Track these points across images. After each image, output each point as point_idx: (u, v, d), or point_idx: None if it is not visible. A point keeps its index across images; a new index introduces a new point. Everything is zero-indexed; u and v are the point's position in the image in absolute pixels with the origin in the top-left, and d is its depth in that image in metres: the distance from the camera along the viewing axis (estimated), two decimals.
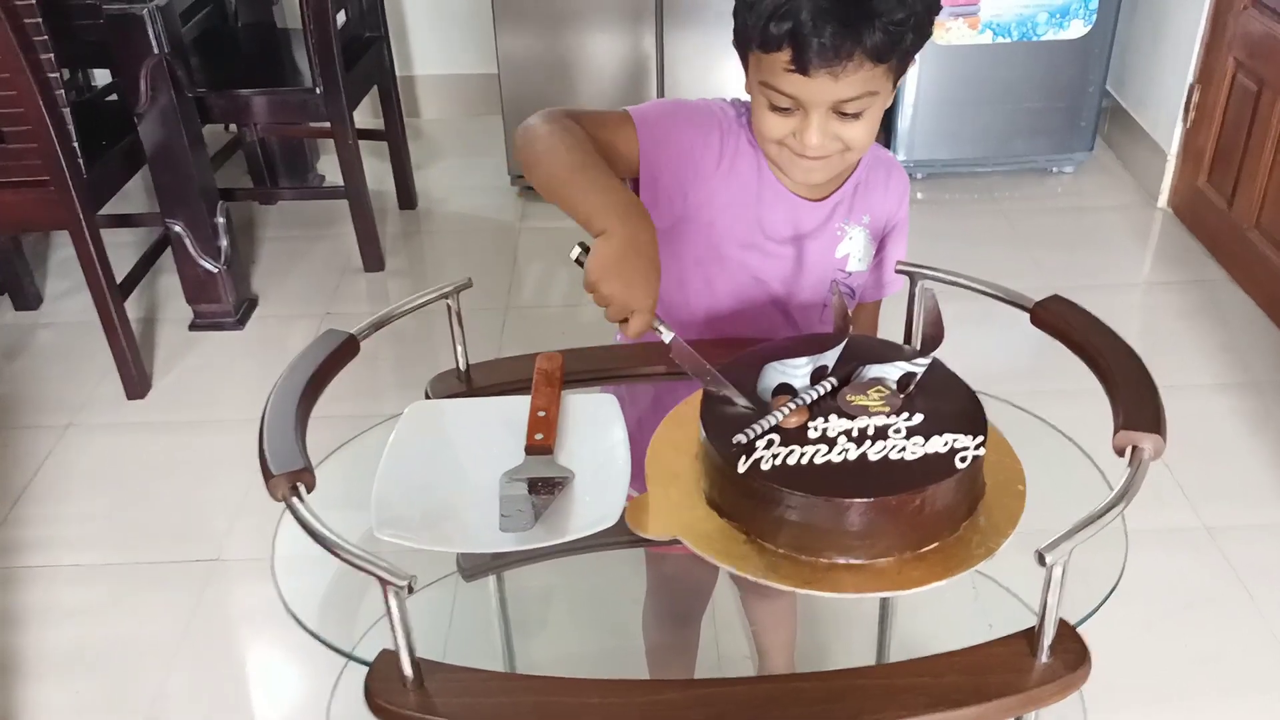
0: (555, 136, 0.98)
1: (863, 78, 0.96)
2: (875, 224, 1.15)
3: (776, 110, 1.00)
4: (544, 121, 1.00)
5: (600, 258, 0.89)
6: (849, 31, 0.92)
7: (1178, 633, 1.75)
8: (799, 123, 1.00)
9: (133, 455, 2.21)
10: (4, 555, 1.97)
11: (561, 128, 0.98)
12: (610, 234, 0.90)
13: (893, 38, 0.94)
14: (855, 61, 0.94)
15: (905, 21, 0.94)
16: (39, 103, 2.03)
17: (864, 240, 1.14)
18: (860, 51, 0.93)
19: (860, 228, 1.13)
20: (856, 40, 0.93)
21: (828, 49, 0.93)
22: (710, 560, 0.85)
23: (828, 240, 1.12)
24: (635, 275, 0.89)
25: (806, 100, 0.97)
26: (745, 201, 1.09)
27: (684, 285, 1.13)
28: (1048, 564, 0.73)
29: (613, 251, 0.90)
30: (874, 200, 1.14)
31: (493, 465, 0.95)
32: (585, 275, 0.90)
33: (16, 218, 2.25)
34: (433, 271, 2.91)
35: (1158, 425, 0.83)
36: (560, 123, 0.99)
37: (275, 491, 0.79)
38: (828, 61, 0.94)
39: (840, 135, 1.00)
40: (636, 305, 0.89)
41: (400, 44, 3.49)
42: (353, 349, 0.97)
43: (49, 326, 2.63)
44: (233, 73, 2.68)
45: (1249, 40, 2.56)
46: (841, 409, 0.90)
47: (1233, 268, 2.65)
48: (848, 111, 0.98)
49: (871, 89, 0.97)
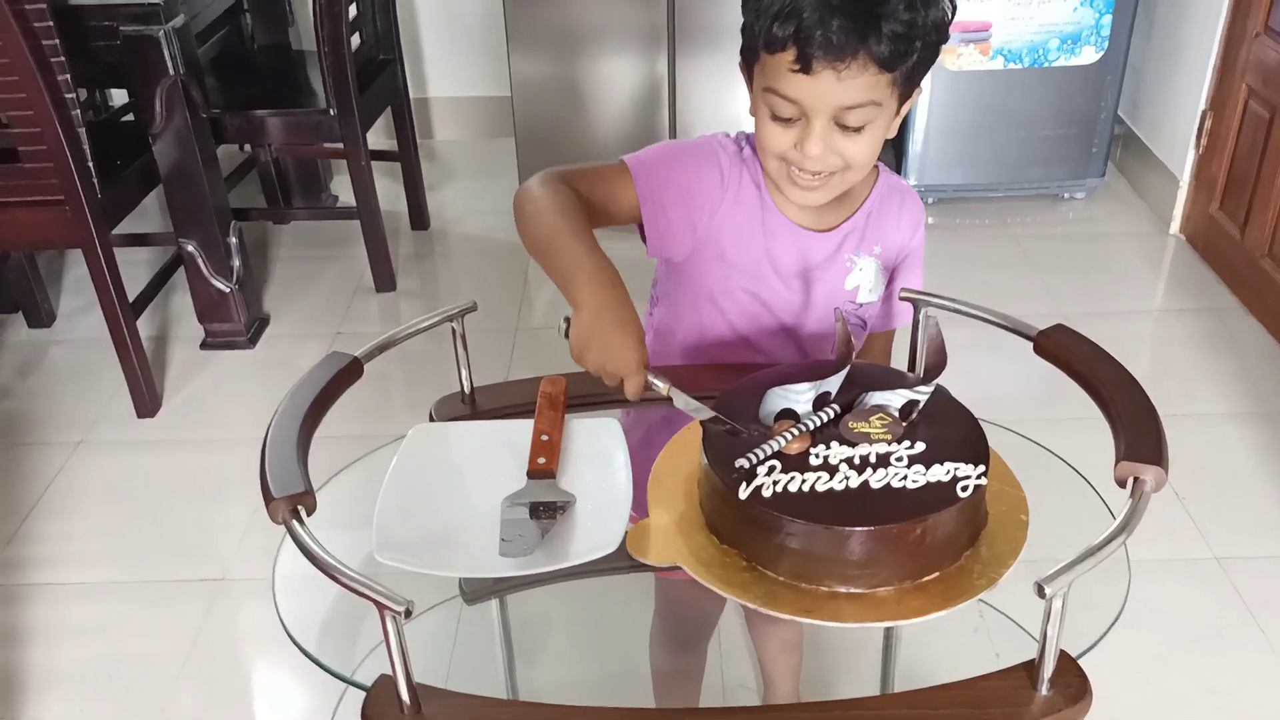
0: (540, 202, 0.99)
1: (866, 83, 0.95)
2: (887, 254, 1.14)
3: (779, 120, 0.99)
4: (536, 185, 1.01)
5: (577, 331, 0.92)
6: (854, 27, 0.92)
7: (1187, 664, 1.73)
8: (800, 133, 0.99)
9: (142, 473, 2.22)
10: (13, 572, 1.98)
11: (550, 192, 1.00)
12: (581, 305, 0.92)
13: (898, 43, 0.93)
14: (860, 62, 0.93)
15: (912, 27, 0.93)
16: (55, 123, 2.05)
17: (875, 271, 1.14)
18: (864, 51, 0.93)
19: (871, 258, 1.13)
20: (861, 38, 0.92)
21: (832, 44, 0.92)
22: (710, 587, 0.84)
23: (837, 272, 1.12)
24: (612, 341, 0.90)
25: (809, 105, 0.97)
26: (751, 233, 1.09)
27: (699, 313, 1.14)
28: (1047, 596, 0.72)
29: (586, 322, 0.91)
30: (886, 230, 1.13)
31: (495, 489, 0.95)
32: (570, 349, 0.92)
33: (31, 236, 2.27)
34: (444, 292, 2.92)
35: (1159, 457, 0.82)
36: (550, 187, 1.01)
37: (275, 514, 0.79)
38: (831, 58, 0.93)
39: (841, 150, 0.99)
40: (623, 370, 0.91)
41: (414, 66, 3.51)
42: (357, 371, 0.97)
43: (61, 344, 2.65)
44: (248, 93, 2.70)
45: (1262, 67, 2.56)
46: (843, 436, 0.90)
47: (1245, 295, 2.64)
48: (849, 124, 0.97)
49: (875, 98, 0.96)
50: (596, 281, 0.93)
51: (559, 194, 1.00)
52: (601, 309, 0.91)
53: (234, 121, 2.56)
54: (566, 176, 1.03)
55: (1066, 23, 2.85)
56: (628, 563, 0.89)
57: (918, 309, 1.07)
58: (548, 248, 0.97)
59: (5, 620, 1.88)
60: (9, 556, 2.01)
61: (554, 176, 1.03)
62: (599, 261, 0.94)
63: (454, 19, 3.49)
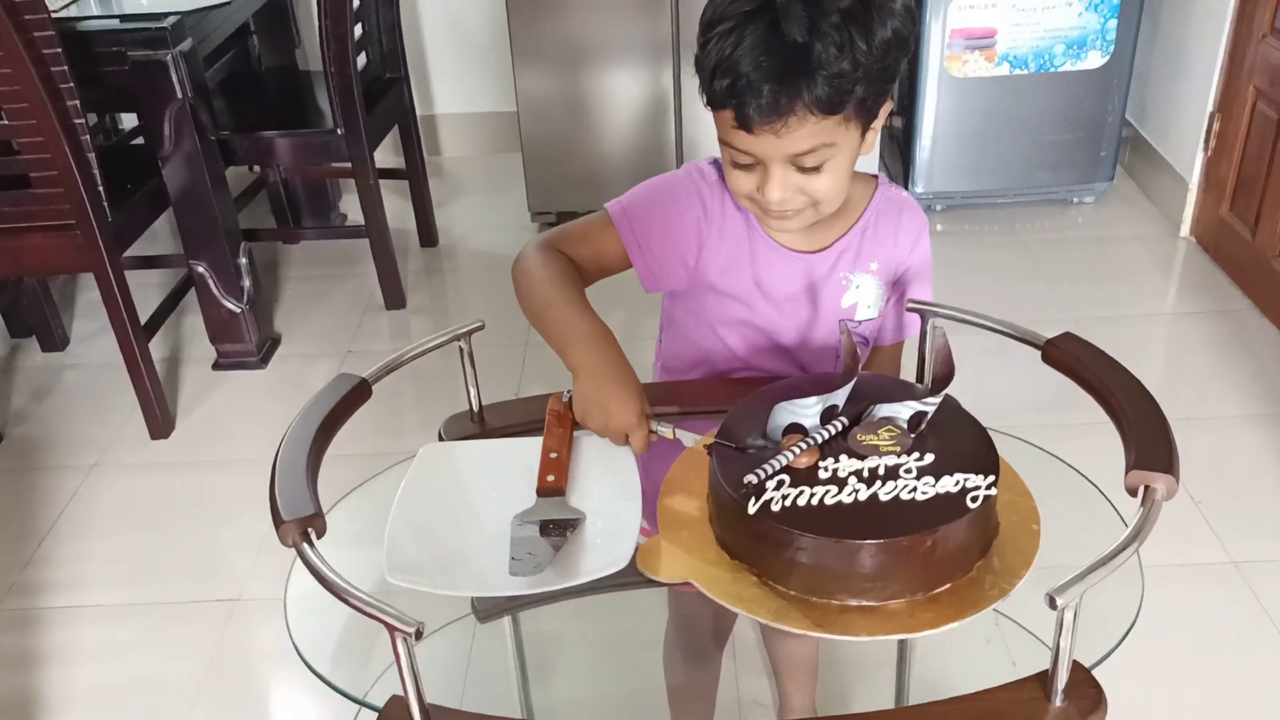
0: (533, 274, 1.03)
1: (811, 131, 0.93)
2: (885, 269, 1.13)
3: (739, 166, 0.99)
4: (527, 257, 1.05)
5: (578, 395, 0.96)
6: (786, 88, 0.90)
7: (1205, 670, 1.72)
8: (761, 177, 0.98)
9: (156, 495, 2.23)
10: (30, 596, 1.99)
11: (541, 261, 1.04)
12: (578, 369, 0.96)
13: (837, 90, 0.91)
14: (798, 117, 0.92)
15: (850, 73, 0.91)
16: (65, 149, 2.07)
17: (873, 287, 1.13)
18: (802, 106, 0.91)
19: (868, 275, 1.12)
20: (795, 95, 0.91)
21: (766, 107, 0.91)
22: (721, 603, 0.84)
23: (833, 291, 1.12)
24: (612, 402, 0.94)
25: (760, 155, 0.97)
26: (741, 262, 1.09)
27: (702, 341, 1.15)
28: (1059, 607, 0.72)
29: (585, 387, 0.95)
30: (883, 245, 1.12)
31: (505, 507, 0.95)
32: (574, 414, 0.96)
33: (44, 261, 2.29)
34: (454, 308, 2.93)
35: (1170, 465, 0.82)
36: (542, 255, 1.05)
37: (285, 537, 0.79)
38: (769, 119, 0.92)
39: (804, 188, 0.98)
40: (625, 426, 0.94)
41: (421, 84, 3.53)
42: (365, 393, 0.97)
43: (75, 367, 2.66)
44: (256, 115, 2.72)
45: (1269, 69, 2.55)
46: (852, 449, 0.89)
47: (1258, 297, 2.62)
48: (806, 165, 0.96)
49: (826, 141, 0.95)
50: (590, 344, 0.96)
51: (550, 262, 1.04)
52: (597, 371, 0.95)
53: (242, 143, 2.58)
54: (556, 242, 1.07)
55: (1072, 28, 2.84)
56: (640, 578, 0.89)
57: (925, 320, 1.07)
58: (542, 317, 1.01)
59: (23, 644, 1.89)
60: (26, 580, 2.02)
61: (545, 244, 1.06)
62: (591, 325, 0.98)
63: (460, 36, 3.51)
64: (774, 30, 0.90)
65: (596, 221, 1.09)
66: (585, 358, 0.96)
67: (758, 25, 0.90)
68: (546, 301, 1.01)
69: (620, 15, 2.88)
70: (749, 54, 0.90)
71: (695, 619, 1.41)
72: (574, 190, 3.10)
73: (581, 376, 0.96)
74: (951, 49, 2.87)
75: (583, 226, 1.09)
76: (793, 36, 0.89)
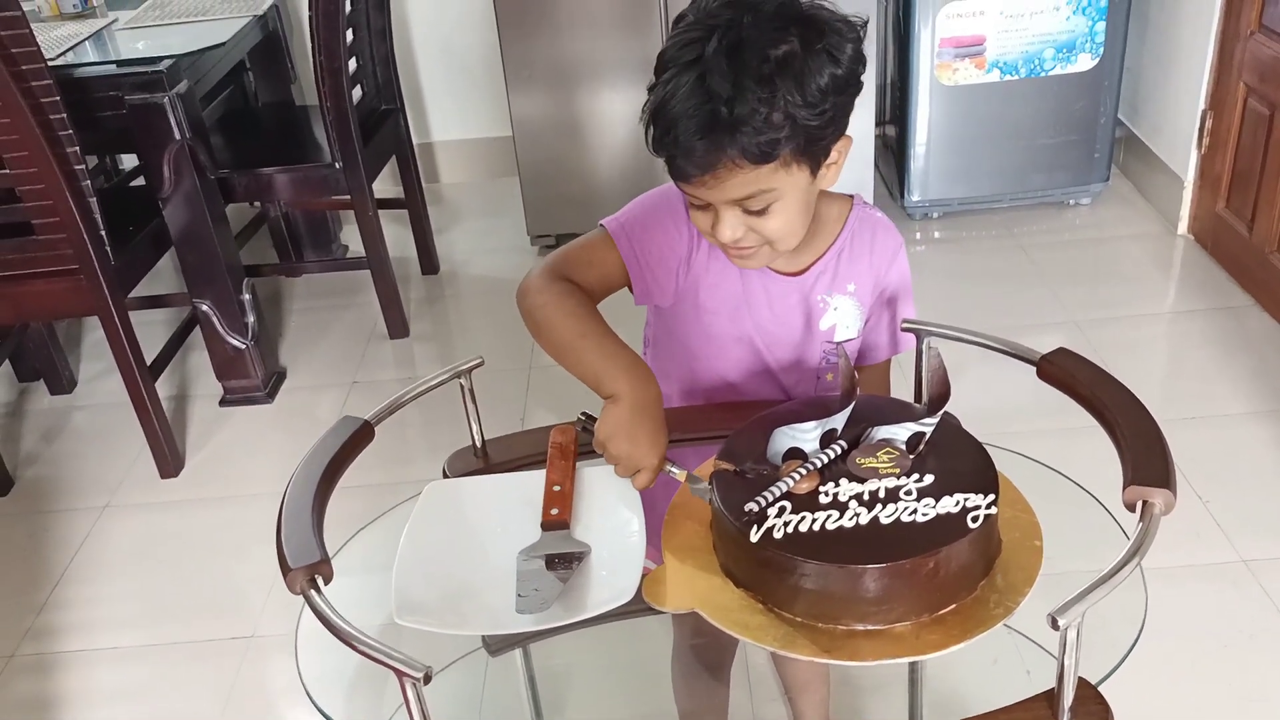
0: (552, 305, 1.02)
1: (746, 179, 0.94)
2: (862, 290, 1.14)
3: (694, 205, 1.01)
4: (540, 289, 1.04)
5: (609, 420, 0.95)
6: (711, 143, 0.91)
7: (1219, 671, 1.72)
8: (713, 217, 0.99)
9: (168, 534, 2.24)
10: (45, 640, 2.00)
11: (557, 293, 1.03)
12: (619, 397, 0.96)
13: (766, 142, 0.91)
14: (726, 169, 0.93)
15: (779, 124, 0.91)
16: (66, 194, 2.09)
17: (850, 308, 1.13)
18: (727, 160, 0.92)
19: (845, 296, 1.13)
20: (719, 150, 0.91)
21: (695, 160, 0.93)
22: (728, 632, 0.85)
23: (810, 313, 1.13)
24: (641, 435, 0.94)
25: (704, 199, 0.98)
26: (728, 279, 1.11)
27: (687, 358, 1.16)
28: (1061, 627, 0.72)
29: (621, 414, 0.95)
30: (859, 266, 1.13)
31: (511, 542, 0.96)
32: (595, 435, 0.96)
33: (48, 306, 2.31)
34: (457, 334, 2.94)
35: (1167, 480, 0.82)
36: (555, 287, 1.03)
37: (293, 585, 0.80)
38: (698, 171, 0.94)
39: (756, 228, 0.99)
40: (642, 463, 0.95)
41: (417, 112, 3.55)
42: (368, 435, 0.98)
43: (83, 409, 2.68)
44: (254, 152, 2.74)
45: (1258, 65, 2.56)
46: (852, 472, 0.90)
47: (1258, 293, 2.62)
48: (752, 209, 0.97)
49: (764, 187, 0.95)
50: (634, 376, 0.97)
51: (570, 293, 1.03)
52: (640, 402, 0.95)
53: (242, 181, 2.60)
54: (562, 269, 1.06)
55: (1060, 32, 2.86)
56: (647, 607, 0.89)
57: (920, 339, 1.08)
58: (573, 347, 1.00)
59: (39, 690, 1.90)
60: (41, 625, 2.03)
61: (552, 274, 1.05)
62: (632, 357, 0.98)
63: (453, 64, 3.53)
64: (700, 84, 0.90)
65: (597, 242, 1.10)
66: (628, 387, 0.96)
67: (688, 77, 0.91)
68: (579, 331, 1.00)
69: (611, 36, 2.90)
70: (678, 106, 0.91)
71: (699, 640, 1.42)
72: (572, 212, 3.11)
73: (621, 403, 0.95)
74: (941, 58, 2.88)
75: (585, 251, 1.09)
76: (716, 90, 0.90)
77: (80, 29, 2.59)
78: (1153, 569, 0.88)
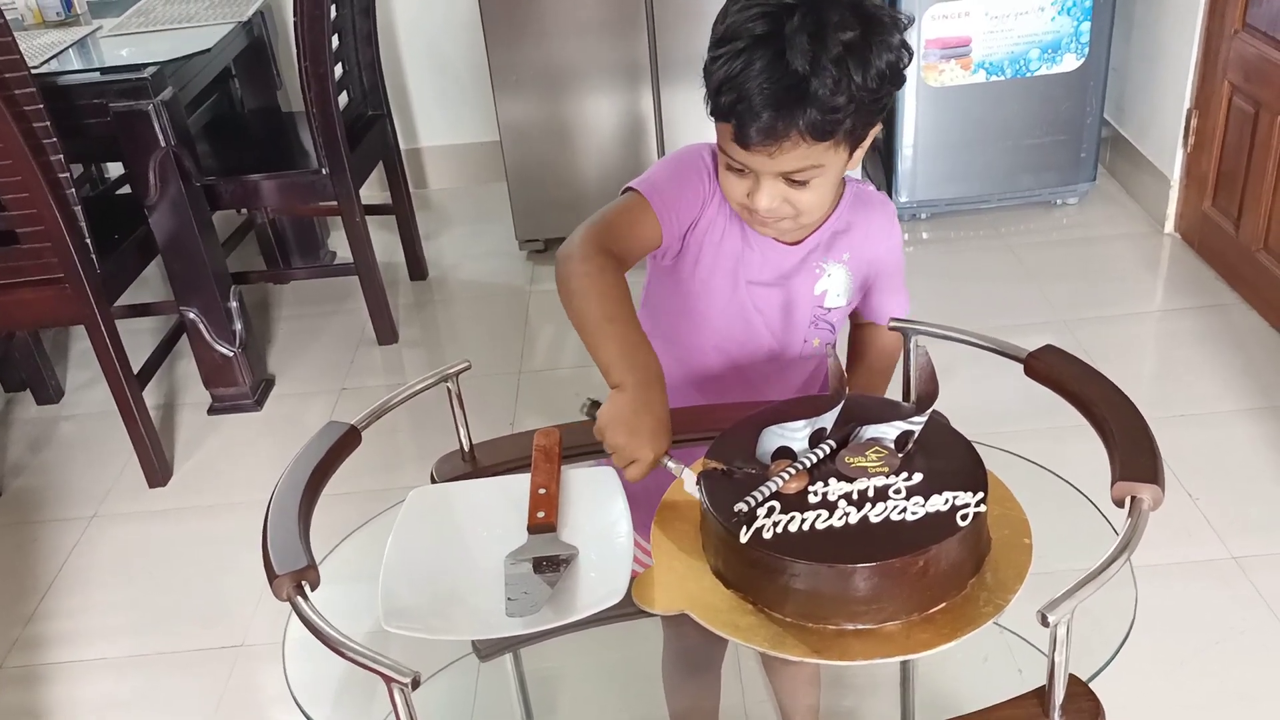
0: (589, 279, 1.04)
1: (802, 154, 1.00)
2: (856, 259, 1.19)
3: (733, 170, 1.06)
4: (581, 258, 1.05)
5: (612, 409, 0.96)
6: (784, 114, 0.97)
7: (1211, 668, 1.72)
8: (752, 184, 1.05)
9: (156, 543, 2.23)
10: (33, 652, 1.98)
11: (597, 268, 1.04)
12: (624, 389, 0.97)
13: (830, 121, 0.98)
14: (791, 141, 0.99)
15: (845, 106, 0.97)
16: (51, 203, 2.08)
17: (843, 276, 1.19)
18: (796, 133, 0.98)
19: (839, 264, 1.18)
20: (790, 123, 0.97)
21: (763, 129, 0.98)
22: (718, 633, 0.85)
23: (806, 277, 1.17)
24: (641, 429, 0.95)
25: (754, 168, 1.04)
26: (733, 237, 1.15)
27: (680, 316, 1.19)
28: (1051, 624, 0.72)
29: (624, 406, 0.96)
30: (855, 238, 1.18)
31: (498, 546, 0.95)
32: (597, 422, 0.97)
33: (34, 316, 2.29)
34: (446, 340, 2.93)
35: (1155, 475, 0.82)
36: (595, 261, 1.05)
37: (279, 591, 0.79)
38: (765, 140, 0.99)
39: (791, 200, 1.05)
40: (638, 457, 0.95)
41: (404, 118, 3.55)
42: (355, 440, 0.98)
43: (70, 419, 2.66)
44: (240, 158, 2.73)
45: (1243, 63, 2.57)
46: (841, 471, 0.90)
47: (1245, 290, 2.63)
48: (796, 180, 1.03)
49: (815, 163, 1.02)
50: (649, 374, 0.98)
51: (605, 271, 1.04)
52: (645, 399, 0.96)
53: (228, 187, 2.59)
54: (603, 239, 1.08)
55: (1045, 32, 2.86)
56: (636, 608, 0.89)
57: (907, 338, 1.08)
58: (598, 329, 1.02)
59: (29, 701, 1.88)
60: (29, 636, 2.02)
61: (594, 244, 1.07)
62: (649, 355, 1.00)
63: (440, 69, 3.53)
64: (779, 59, 0.96)
65: (632, 206, 1.12)
66: (637, 381, 0.97)
67: (765, 51, 0.96)
68: (607, 314, 1.02)
69: (597, 40, 2.90)
70: (754, 78, 0.97)
71: (689, 639, 1.42)
72: (560, 216, 3.11)
73: (626, 395, 0.96)
74: (928, 59, 2.89)
75: (623, 216, 1.12)
76: (795, 67, 0.95)
77: (64, 36, 2.57)
78: (1143, 566, 0.88)
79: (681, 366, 1.20)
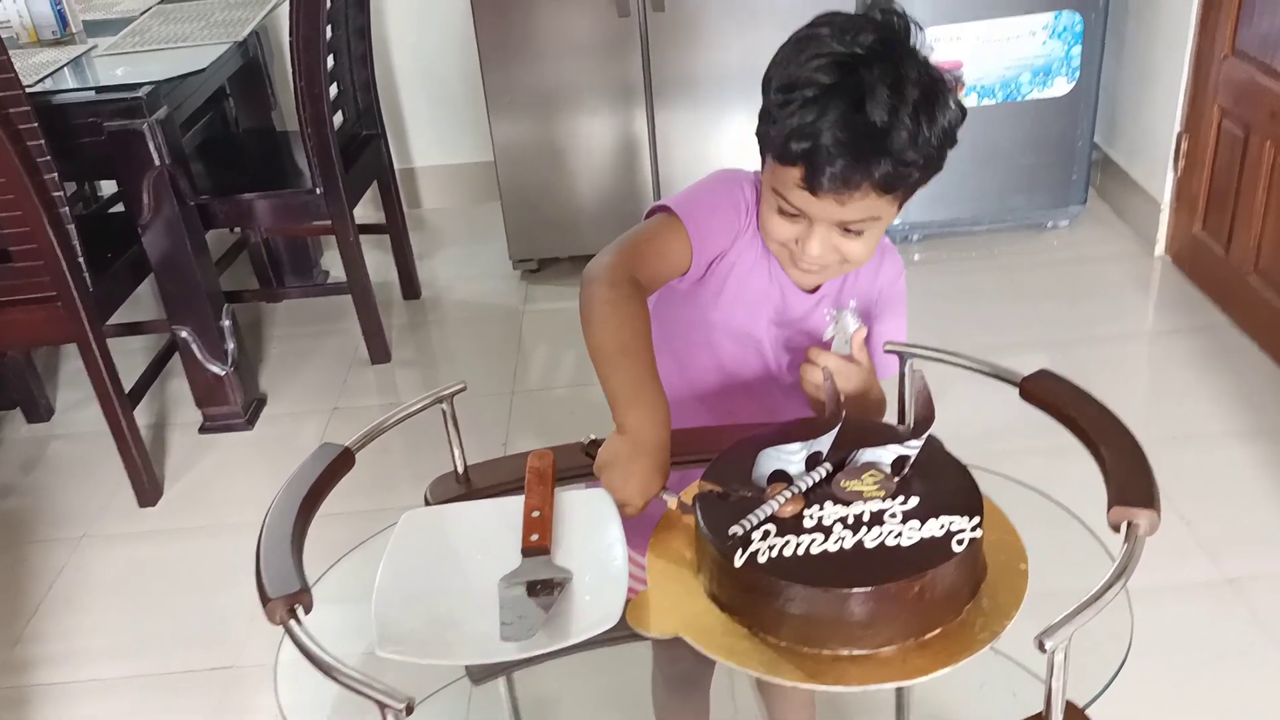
0: (612, 306, 1.03)
1: (869, 204, 1.01)
2: (862, 305, 1.18)
3: (784, 214, 1.06)
4: (609, 284, 1.04)
5: (610, 449, 0.97)
6: (860, 165, 0.97)
7: (1209, 692, 1.72)
8: (803, 230, 1.06)
9: (147, 564, 2.21)
10: (22, 674, 1.96)
11: (624, 296, 1.03)
12: (624, 430, 0.97)
13: (902, 174, 0.99)
14: (862, 191, 1.00)
15: (915, 160, 0.99)
16: (44, 222, 2.08)
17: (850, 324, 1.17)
18: (869, 183, 0.99)
19: (846, 312, 1.17)
20: (866, 174, 0.98)
21: (838, 178, 0.98)
22: (713, 657, 0.84)
23: (815, 323, 1.17)
24: (635, 472, 0.95)
25: (813, 215, 1.04)
26: (760, 274, 1.15)
27: (686, 343, 1.19)
28: (1048, 650, 0.72)
29: (621, 448, 0.96)
30: (862, 285, 1.19)
31: (492, 569, 0.94)
32: (596, 458, 0.98)
33: (26, 335, 2.29)
34: (440, 360, 2.93)
35: (1151, 500, 0.82)
36: (624, 289, 1.04)
37: (273, 615, 0.79)
38: (836, 189, 0.99)
39: (840, 248, 1.06)
40: (628, 500, 0.95)
41: (398, 138, 3.55)
42: (348, 462, 0.97)
43: (61, 438, 2.65)
44: (234, 178, 2.73)
45: (1232, 87, 2.59)
46: (836, 495, 0.90)
47: (1235, 312, 2.64)
48: (850, 229, 1.04)
49: (875, 214, 1.03)
50: (652, 417, 0.97)
51: (629, 300, 1.03)
52: (643, 443, 0.96)
53: (222, 207, 2.59)
54: (631, 264, 1.06)
55: (1036, 56, 2.88)
56: (631, 631, 0.89)
57: (903, 362, 1.08)
58: (612, 361, 1.01)
59: None
60: (17, 658, 2.00)
61: (622, 272, 1.05)
62: (658, 397, 0.99)
63: (435, 89, 3.54)
64: (858, 109, 0.96)
65: (662, 229, 1.11)
66: (641, 425, 0.96)
67: (840, 101, 0.96)
68: (623, 346, 1.01)
69: (592, 61, 2.91)
70: (831, 129, 0.96)
71: (681, 663, 1.42)
72: (554, 236, 3.12)
73: (627, 438, 0.96)
74: None
75: (655, 243, 1.11)
76: (874, 118, 0.95)
77: (59, 55, 2.58)
78: (1137, 590, 0.88)
79: (688, 383, 1.20)
